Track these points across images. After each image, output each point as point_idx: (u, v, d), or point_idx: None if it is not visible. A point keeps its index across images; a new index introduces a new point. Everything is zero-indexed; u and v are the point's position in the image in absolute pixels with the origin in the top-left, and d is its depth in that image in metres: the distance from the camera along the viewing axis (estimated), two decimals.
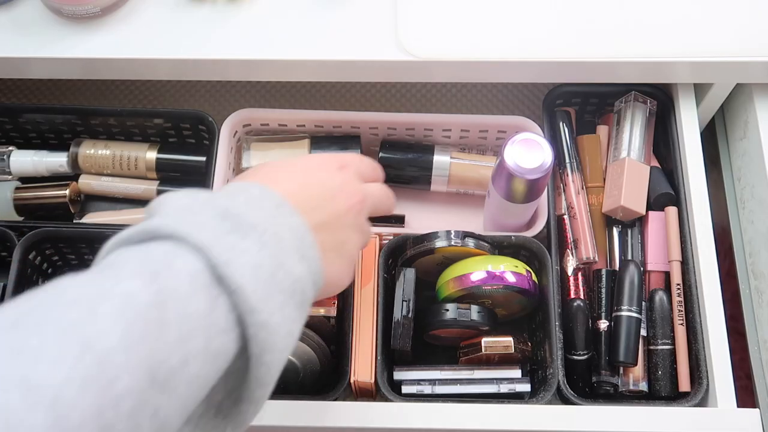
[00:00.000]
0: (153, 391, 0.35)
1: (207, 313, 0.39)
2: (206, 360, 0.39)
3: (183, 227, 0.41)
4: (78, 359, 0.32)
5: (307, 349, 0.72)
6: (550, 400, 0.68)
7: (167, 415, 0.36)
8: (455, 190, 0.83)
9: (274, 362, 0.43)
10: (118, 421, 0.33)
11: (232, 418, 0.44)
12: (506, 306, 0.75)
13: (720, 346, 0.69)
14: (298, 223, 0.47)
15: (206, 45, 0.75)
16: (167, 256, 0.40)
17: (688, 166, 0.76)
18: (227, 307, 0.41)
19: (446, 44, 0.74)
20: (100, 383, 0.32)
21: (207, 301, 0.40)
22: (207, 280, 0.40)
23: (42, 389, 0.30)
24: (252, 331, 0.41)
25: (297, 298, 0.45)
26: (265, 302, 0.42)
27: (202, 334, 0.39)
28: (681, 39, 0.75)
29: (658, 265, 0.76)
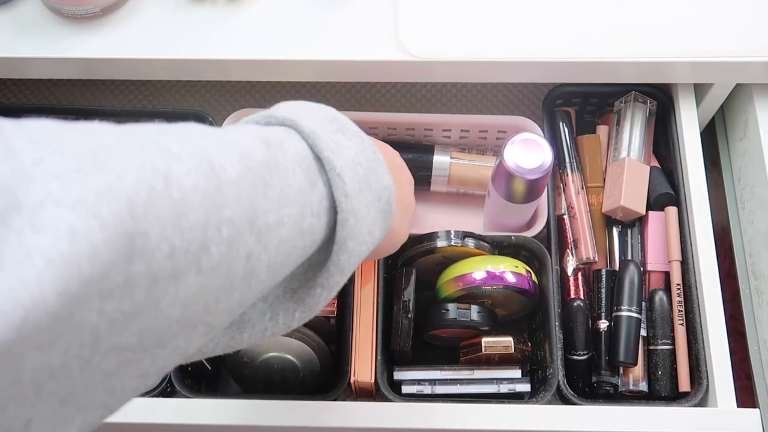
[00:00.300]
0: (250, 235, 0.38)
1: (305, 191, 0.43)
2: (297, 232, 0.42)
3: (299, 116, 0.46)
4: (206, 176, 0.35)
5: (307, 349, 0.72)
6: (550, 400, 0.68)
7: (257, 264, 0.39)
8: (455, 190, 0.83)
9: (355, 251, 0.46)
10: (216, 243, 0.35)
11: (305, 301, 0.47)
12: (506, 306, 0.75)
13: (720, 346, 0.69)
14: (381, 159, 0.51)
15: (206, 45, 0.75)
16: (280, 135, 0.44)
17: (688, 166, 0.76)
18: (323, 194, 0.44)
19: (446, 44, 0.74)
20: (215, 203, 0.35)
21: (307, 181, 0.43)
22: (310, 164, 0.44)
23: (175, 186, 0.33)
24: (343, 216, 0.45)
25: (382, 204, 0.49)
26: (359, 193, 0.46)
27: (299, 207, 0.42)
28: (681, 39, 0.75)
29: (658, 265, 0.76)
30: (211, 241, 0.35)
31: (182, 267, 0.33)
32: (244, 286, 0.38)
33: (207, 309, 0.36)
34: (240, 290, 0.38)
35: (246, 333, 0.46)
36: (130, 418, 0.65)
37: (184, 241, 0.33)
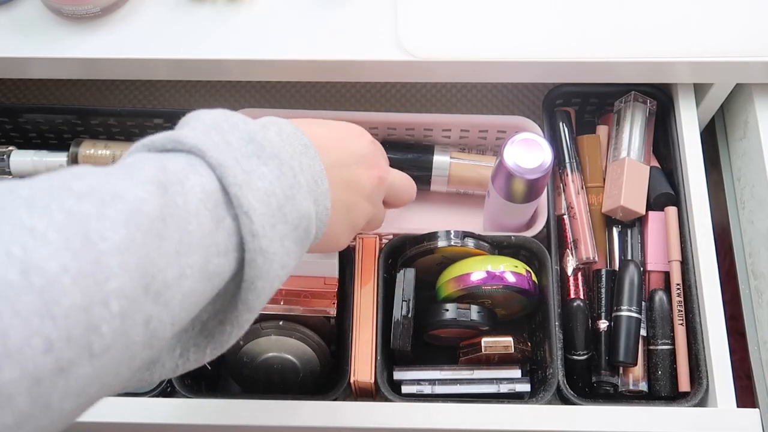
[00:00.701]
0: (146, 299, 0.35)
1: (210, 232, 0.40)
2: (202, 278, 0.39)
3: (206, 143, 0.42)
4: (78, 252, 0.33)
5: (307, 349, 0.72)
6: (550, 400, 0.68)
7: (158, 326, 0.36)
8: (455, 190, 0.83)
9: (264, 289, 0.44)
10: (106, 320, 0.33)
11: (214, 338, 0.45)
12: (506, 306, 0.75)
13: (720, 346, 0.69)
14: (318, 168, 0.49)
15: (206, 45, 0.75)
16: (183, 170, 0.41)
17: (688, 166, 0.76)
18: (231, 230, 0.41)
19: (446, 44, 0.74)
20: (95, 279, 0.33)
21: (212, 221, 0.40)
22: (217, 200, 0.41)
23: (36, 272, 0.31)
24: (250, 255, 0.42)
25: (299, 233, 0.46)
26: (269, 229, 0.43)
27: (202, 253, 0.39)
28: (681, 39, 0.75)
29: (658, 265, 0.76)
30: (99, 320, 0.32)
31: (68, 357, 0.31)
32: (146, 350, 0.36)
33: (106, 386, 0.34)
34: (142, 356, 0.36)
35: (156, 373, 0.44)
36: (130, 418, 0.65)
37: (62, 329, 0.31)
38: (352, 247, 0.75)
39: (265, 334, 0.71)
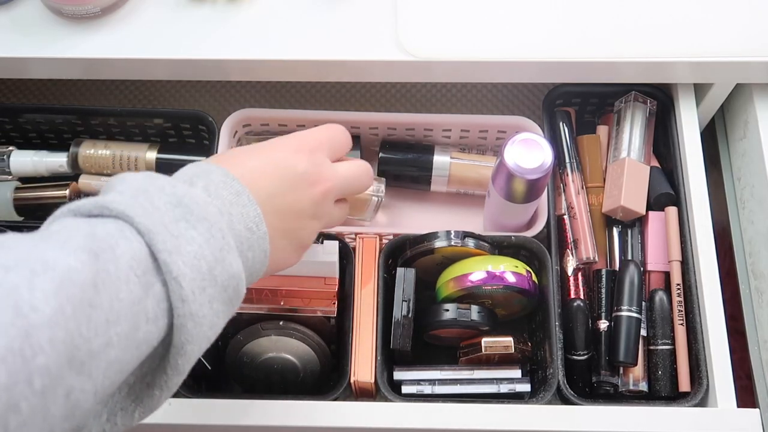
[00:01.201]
0: (70, 372, 0.34)
1: (140, 299, 0.39)
2: (129, 346, 0.39)
3: (134, 208, 0.42)
4: (6, 327, 0.32)
5: (307, 349, 0.72)
6: (550, 400, 0.68)
7: (80, 397, 0.35)
8: (455, 190, 0.83)
9: (194, 352, 0.43)
10: (26, 397, 0.32)
11: (143, 402, 0.44)
12: (506, 306, 0.75)
13: (720, 346, 0.69)
14: (253, 214, 0.48)
15: (206, 45, 0.75)
16: (112, 236, 0.40)
17: (688, 166, 0.76)
18: (161, 296, 0.41)
19: (446, 44, 0.74)
20: (23, 356, 0.32)
21: (142, 288, 0.40)
22: (146, 266, 0.41)
23: None
24: (180, 321, 0.42)
25: (229, 293, 0.45)
26: (199, 294, 0.42)
27: (131, 321, 0.39)
28: (681, 39, 0.75)
29: (658, 265, 0.76)
30: (20, 397, 0.31)
31: None
32: (67, 421, 0.35)
33: None
34: (62, 427, 0.35)
35: None
36: None
37: None
38: (352, 248, 0.75)
39: (265, 334, 0.71)
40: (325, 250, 0.71)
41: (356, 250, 0.75)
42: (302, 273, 0.72)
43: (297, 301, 0.72)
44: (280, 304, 0.71)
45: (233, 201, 0.48)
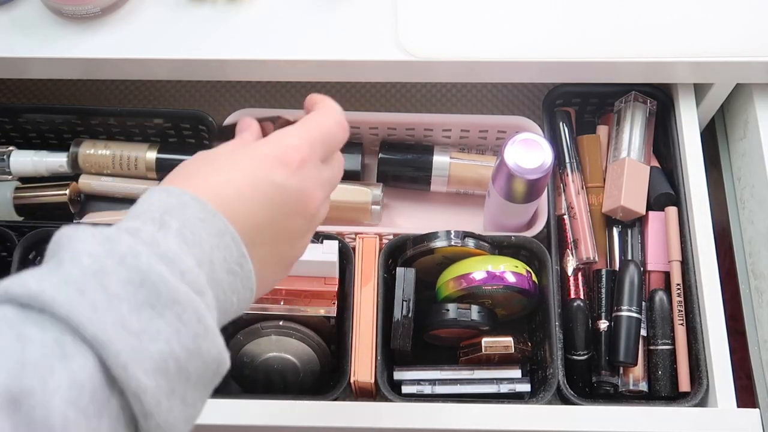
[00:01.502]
0: None
1: (90, 430, 0.33)
2: None
3: (80, 310, 0.34)
4: None
5: (307, 349, 0.72)
6: (550, 400, 0.68)
7: None
8: (455, 190, 0.83)
9: None
10: None
11: None
12: (506, 306, 0.75)
13: (720, 346, 0.69)
14: (237, 254, 0.41)
15: (206, 45, 0.75)
16: (46, 360, 0.32)
17: (688, 166, 0.76)
18: (117, 412, 0.34)
19: (446, 44, 0.74)
20: None
21: (88, 418, 0.33)
22: (95, 385, 0.33)
23: None
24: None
25: (209, 376, 0.39)
26: (165, 401, 0.36)
27: None
28: (681, 39, 0.75)
29: (658, 265, 0.76)
30: None
31: None
32: None
33: None
34: None
35: None
36: None
37: None
38: (352, 247, 0.75)
39: (265, 334, 0.71)
40: (325, 250, 0.71)
41: (356, 249, 0.75)
42: (302, 273, 0.72)
43: (297, 301, 0.72)
44: (279, 304, 0.71)
45: (215, 244, 0.40)
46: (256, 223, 0.43)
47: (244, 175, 0.44)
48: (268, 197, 0.44)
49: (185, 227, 0.39)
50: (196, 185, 0.42)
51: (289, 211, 0.45)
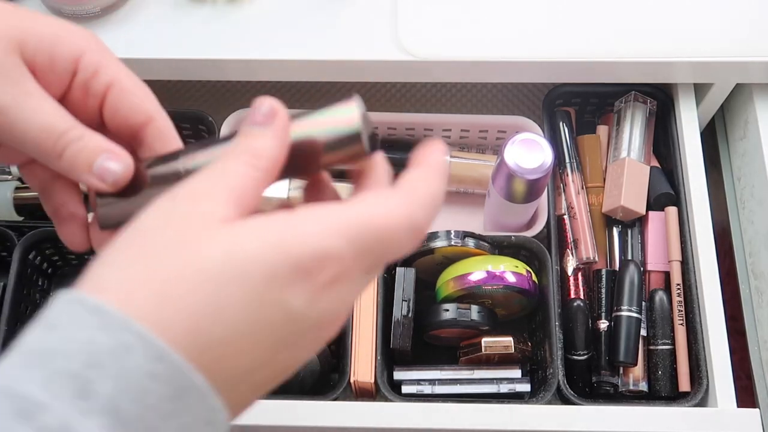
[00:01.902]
0: None
1: None
2: None
3: None
4: None
5: None
6: (550, 400, 0.68)
7: None
8: (455, 189, 0.83)
9: None
10: None
11: None
12: (506, 306, 0.75)
13: (720, 346, 0.69)
14: (207, 413, 0.27)
15: (206, 45, 0.75)
16: None
17: (688, 166, 0.76)
18: None
19: (446, 44, 0.74)
20: None
21: None
22: None
23: None
24: None
25: None
26: None
27: None
28: (681, 39, 0.75)
29: (658, 265, 0.76)
30: None
31: None
32: None
33: None
34: None
35: None
36: None
37: None
38: None
39: None
40: None
41: None
42: None
43: None
44: None
45: (172, 411, 0.26)
46: (247, 369, 0.29)
47: (242, 290, 0.27)
48: (273, 330, 0.28)
49: (123, 392, 0.24)
50: (149, 299, 0.26)
51: (302, 345, 0.31)
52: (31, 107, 0.34)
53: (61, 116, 0.34)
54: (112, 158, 0.34)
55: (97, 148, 0.34)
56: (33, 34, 0.35)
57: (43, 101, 0.34)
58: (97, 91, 0.36)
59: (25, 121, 0.33)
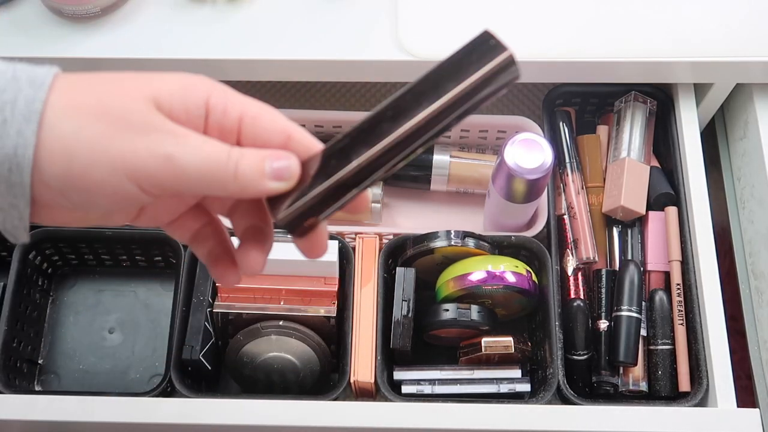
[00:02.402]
0: None
1: None
2: None
3: None
4: None
5: (307, 349, 0.72)
6: (550, 400, 0.68)
7: None
8: (455, 189, 0.83)
9: None
10: None
11: None
12: (506, 306, 0.75)
13: (720, 346, 0.69)
14: None
15: (206, 45, 0.75)
16: None
17: (688, 166, 0.76)
18: None
19: (446, 44, 0.74)
20: None
21: None
22: None
23: None
24: None
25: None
26: None
27: None
28: (681, 39, 0.75)
29: (658, 265, 0.76)
30: None
31: None
32: None
33: None
34: None
35: None
36: (130, 417, 0.65)
37: None
38: (352, 247, 0.75)
39: (265, 334, 0.71)
40: None
41: (356, 249, 0.75)
42: (302, 273, 0.72)
43: (297, 301, 0.72)
44: (279, 304, 0.71)
45: None
46: None
47: None
48: None
49: None
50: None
51: None
52: (192, 146, 0.36)
53: (218, 143, 0.37)
54: (278, 158, 0.37)
55: (260, 156, 0.37)
56: (164, 90, 0.37)
57: (198, 138, 0.37)
58: (232, 125, 0.39)
59: (193, 159, 0.36)
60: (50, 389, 0.79)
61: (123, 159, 0.35)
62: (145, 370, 0.79)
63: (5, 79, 0.34)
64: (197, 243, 0.42)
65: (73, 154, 0.34)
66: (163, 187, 0.36)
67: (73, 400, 0.66)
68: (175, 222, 0.42)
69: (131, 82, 0.37)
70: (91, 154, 0.34)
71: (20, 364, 0.76)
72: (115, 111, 0.35)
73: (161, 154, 0.35)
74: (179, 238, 0.43)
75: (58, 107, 0.35)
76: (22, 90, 0.34)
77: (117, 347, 0.80)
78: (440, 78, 0.40)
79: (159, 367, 0.79)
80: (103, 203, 0.36)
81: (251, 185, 0.36)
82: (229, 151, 0.36)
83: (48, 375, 0.80)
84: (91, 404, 0.66)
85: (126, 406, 0.66)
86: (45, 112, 0.34)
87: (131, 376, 0.79)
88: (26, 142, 0.34)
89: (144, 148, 0.35)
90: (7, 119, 0.34)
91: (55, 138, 0.34)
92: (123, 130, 0.35)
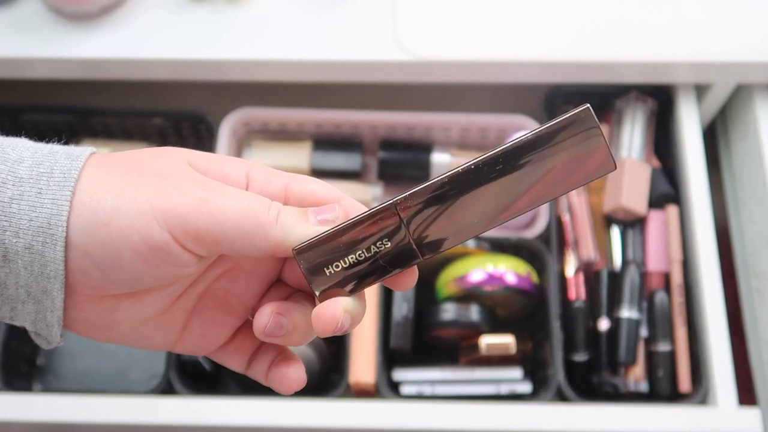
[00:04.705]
0: None
1: None
2: None
3: None
4: None
5: (307, 349, 0.72)
6: (550, 400, 0.68)
7: None
8: None
9: None
10: None
11: None
12: (506, 306, 0.75)
13: (720, 346, 0.69)
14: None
15: (206, 45, 0.75)
16: None
17: (689, 166, 0.76)
18: None
19: (446, 44, 0.74)
20: None
21: None
22: None
23: None
24: None
25: None
26: None
27: None
28: (681, 39, 0.75)
29: (658, 265, 0.76)
30: None
31: None
32: None
33: None
34: None
35: None
36: (130, 417, 0.65)
37: None
38: None
39: None
40: None
41: None
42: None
43: None
44: None
45: None
46: None
47: None
48: None
49: None
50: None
51: None
52: (230, 193, 0.34)
53: (255, 194, 0.35)
54: (322, 211, 0.36)
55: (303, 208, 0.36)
56: (200, 155, 0.36)
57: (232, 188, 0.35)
58: (278, 192, 0.36)
59: (230, 201, 0.33)
60: (50, 389, 0.79)
61: (152, 201, 0.32)
62: (144, 371, 0.79)
63: (42, 153, 0.33)
64: (258, 359, 0.40)
65: (99, 203, 0.32)
66: (198, 232, 0.33)
67: (73, 401, 0.66)
68: (231, 342, 0.39)
69: (166, 150, 0.35)
70: (118, 200, 0.32)
71: (20, 364, 0.76)
72: (146, 165, 0.34)
73: (195, 196, 0.33)
74: (237, 365, 0.40)
75: (94, 174, 0.33)
76: (58, 162, 0.33)
77: (117, 347, 0.80)
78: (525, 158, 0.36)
79: (158, 368, 0.79)
80: (130, 262, 0.32)
81: (293, 232, 0.34)
82: (271, 200, 0.35)
83: (48, 375, 0.80)
84: (91, 404, 0.66)
85: (125, 406, 0.66)
86: (80, 180, 0.33)
87: (131, 376, 0.79)
88: (60, 210, 0.32)
89: (174, 187, 0.33)
90: (42, 189, 0.32)
91: (83, 191, 0.33)
92: (154, 178, 0.33)
